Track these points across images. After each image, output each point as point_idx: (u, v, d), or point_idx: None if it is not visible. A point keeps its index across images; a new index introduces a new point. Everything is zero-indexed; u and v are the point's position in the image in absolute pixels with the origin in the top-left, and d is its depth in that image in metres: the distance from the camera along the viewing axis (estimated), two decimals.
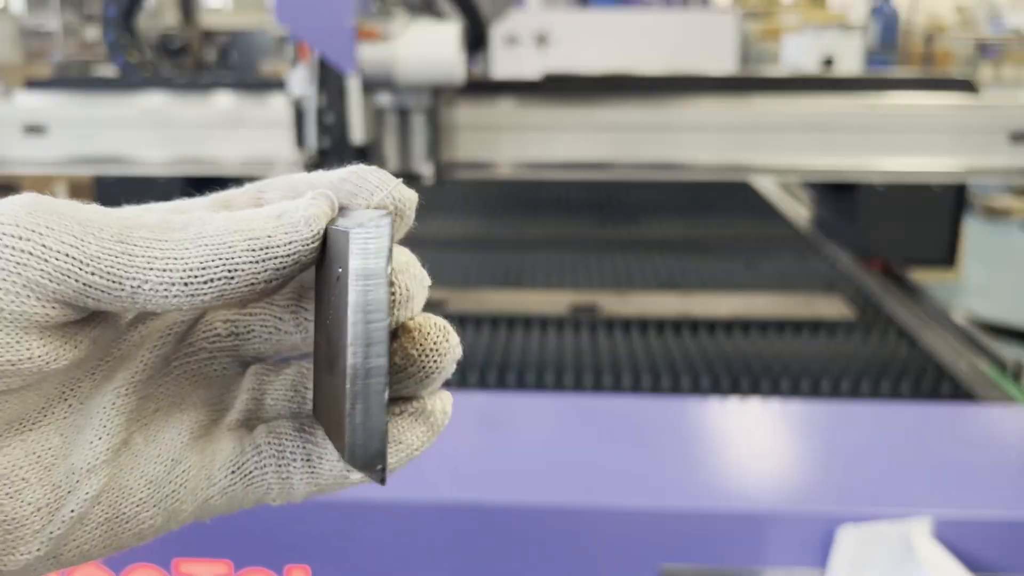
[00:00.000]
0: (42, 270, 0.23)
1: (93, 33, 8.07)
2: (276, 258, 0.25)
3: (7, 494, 0.25)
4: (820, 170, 1.68)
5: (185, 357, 0.28)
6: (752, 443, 1.00)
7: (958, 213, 1.75)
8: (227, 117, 1.69)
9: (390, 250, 0.23)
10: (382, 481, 0.24)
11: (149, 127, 1.70)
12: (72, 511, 0.26)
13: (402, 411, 0.27)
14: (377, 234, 0.23)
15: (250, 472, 0.28)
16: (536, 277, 1.66)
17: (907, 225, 1.75)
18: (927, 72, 7.12)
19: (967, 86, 1.78)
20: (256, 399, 0.29)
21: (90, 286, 0.24)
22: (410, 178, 1.56)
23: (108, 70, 3.89)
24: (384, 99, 1.49)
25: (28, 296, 0.24)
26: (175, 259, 0.24)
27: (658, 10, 4.67)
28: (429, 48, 1.36)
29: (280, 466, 0.28)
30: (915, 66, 7.88)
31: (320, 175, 0.27)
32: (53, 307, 0.24)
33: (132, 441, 0.27)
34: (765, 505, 0.85)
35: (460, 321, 1.41)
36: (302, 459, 0.28)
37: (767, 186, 2.45)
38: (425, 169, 1.53)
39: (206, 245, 0.24)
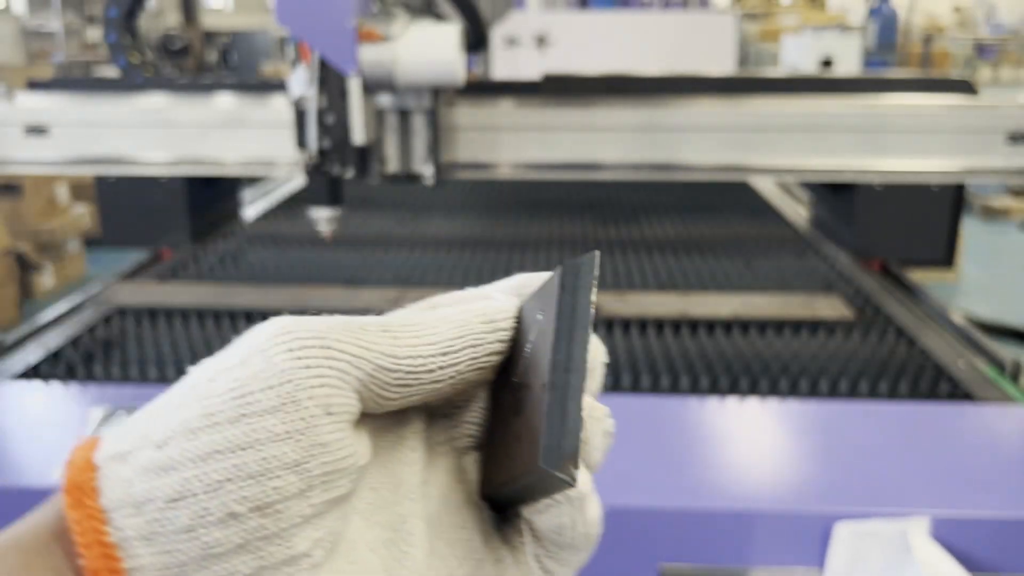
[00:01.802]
0: (360, 368, 0.26)
1: (94, 34, 8.07)
2: (501, 329, 0.29)
3: None
4: (819, 170, 1.68)
5: (414, 447, 0.31)
6: (751, 442, 1.00)
7: (956, 213, 1.75)
8: (228, 118, 1.69)
9: (595, 275, 0.27)
10: (573, 481, 0.25)
11: (150, 128, 1.70)
12: None
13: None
14: (585, 261, 0.27)
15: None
16: None
17: (905, 225, 1.75)
18: (925, 73, 7.12)
19: (965, 87, 1.78)
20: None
21: (389, 371, 0.27)
22: (410, 178, 1.56)
23: (109, 71, 3.89)
24: (385, 100, 1.49)
25: (353, 394, 0.26)
26: (433, 334, 0.28)
27: (657, 11, 4.68)
28: (429, 49, 1.36)
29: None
30: (913, 67, 7.88)
31: (485, 288, 0.32)
32: (357, 401, 0.26)
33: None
34: (764, 504, 0.86)
35: None
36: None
37: (766, 186, 2.46)
38: (425, 169, 1.54)
39: (452, 323, 0.29)
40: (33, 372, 1.29)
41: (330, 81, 1.35)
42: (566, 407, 0.25)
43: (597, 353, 0.30)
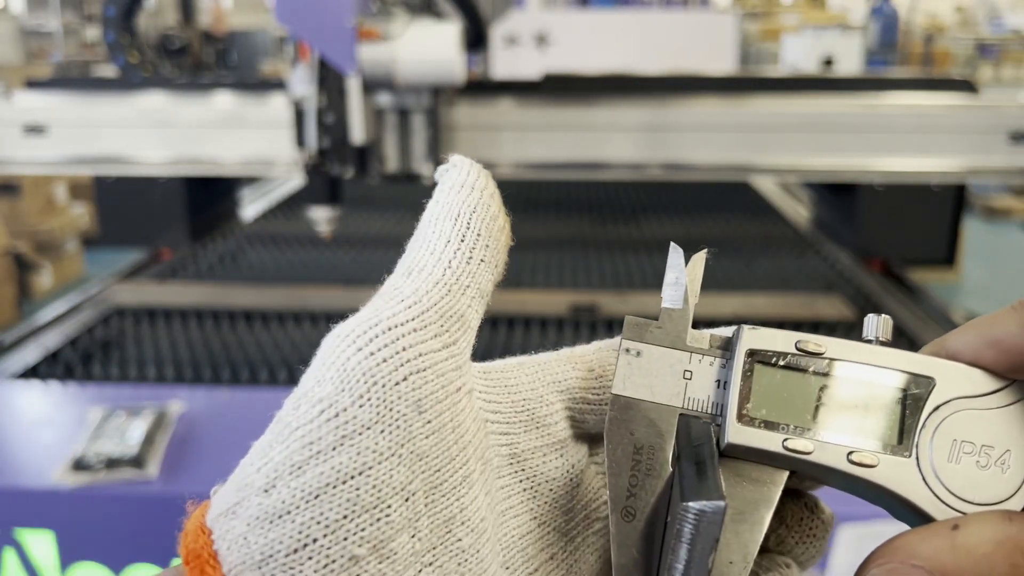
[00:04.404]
0: (424, 319, 0.25)
1: (93, 33, 8.06)
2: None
3: None
4: (820, 170, 1.68)
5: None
6: None
7: (958, 213, 1.75)
8: (227, 117, 1.69)
9: (718, 538, 0.23)
10: None
11: (149, 127, 1.70)
12: None
13: None
14: (710, 519, 0.23)
15: None
16: (536, 277, 1.66)
17: (906, 225, 1.75)
18: (927, 72, 7.12)
19: (966, 86, 1.78)
20: None
21: (457, 281, 0.27)
22: (410, 178, 1.56)
23: (108, 70, 3.89)
24: (384, 99, 1.49)
25: (438, 354, 0.24)
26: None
27: (658, 10, 4.67)
28: (429, 48, 1.36)
29: None
30: (915, 66, 7.88)
31: None
32: (449, 363, 0.25)
33: None
34: None
35: None
36: None
37: (767, 186, 2.45)
38: (425, 169, 1.53)
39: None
40: (32, 372, 1.28)
41: (329, 80, 1.35)
42: None
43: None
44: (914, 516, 0.25)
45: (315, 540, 0.22)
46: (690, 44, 3.88)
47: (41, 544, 0.98)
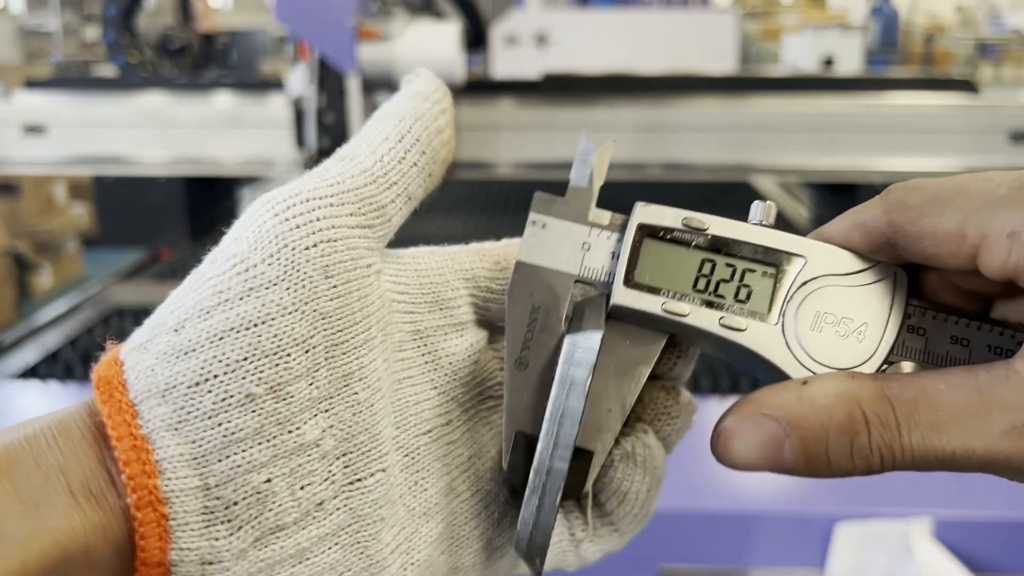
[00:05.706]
0: (345, 202, 0.28)
1: (93, 33, 8.06)
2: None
3: None
4: (820, 170, 1.68)
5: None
6: None
7: None
8: (227, 117, 1.68)
9: (594, 364, 0.25)
10: (538, 574, 0.26)
11: (149, 127, 1.69)
12: None
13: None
14: (586, 346, 0.26)
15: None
16: None
17: None
18: (927, 72, 7.12)
19: (967, 86, 1.78)
20: None
21: (368, 183, 0.29)
22: None
23: (108, 70, 3.89)
24: (384, 99, 1.49)
25: (350, 234, 0.27)
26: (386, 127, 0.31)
27: (658, 10, 4.67)
28: (429, 48, 1.36)
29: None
30: (915, 66, 7.88)
31: None
32: (360, 242, 0.28)
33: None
34: (764, 506, 0.85)
35: None
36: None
37: (767, 186, 2.45)
38: None
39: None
40: (32, 372, 1.28)
41: (329, 80, 1.35)
42: (543, 506, 0.25)
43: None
44: (779, 377, 0.28)
45: (215, 376, 0.24)
46: (690, 44, 3.88)
47: None
